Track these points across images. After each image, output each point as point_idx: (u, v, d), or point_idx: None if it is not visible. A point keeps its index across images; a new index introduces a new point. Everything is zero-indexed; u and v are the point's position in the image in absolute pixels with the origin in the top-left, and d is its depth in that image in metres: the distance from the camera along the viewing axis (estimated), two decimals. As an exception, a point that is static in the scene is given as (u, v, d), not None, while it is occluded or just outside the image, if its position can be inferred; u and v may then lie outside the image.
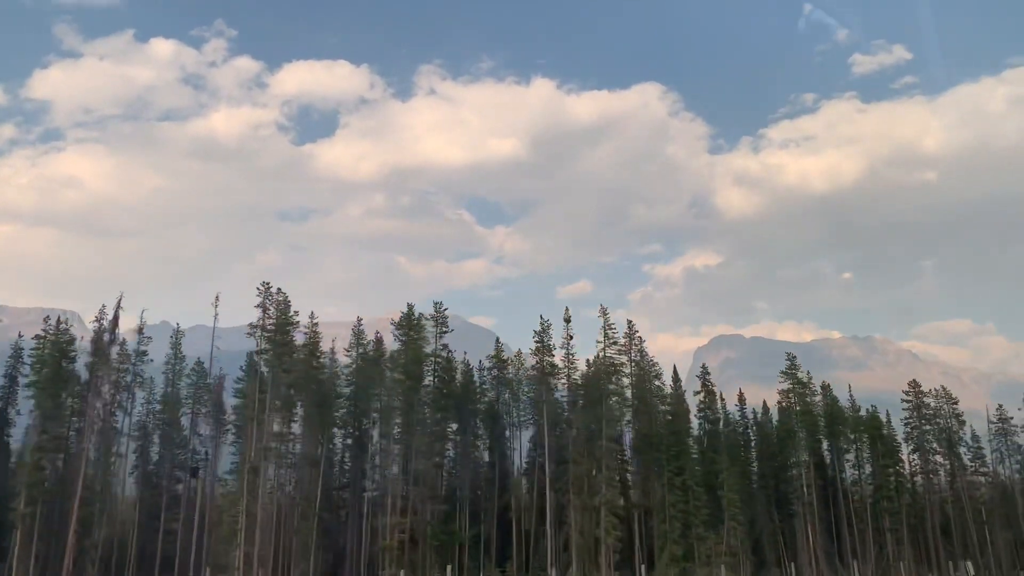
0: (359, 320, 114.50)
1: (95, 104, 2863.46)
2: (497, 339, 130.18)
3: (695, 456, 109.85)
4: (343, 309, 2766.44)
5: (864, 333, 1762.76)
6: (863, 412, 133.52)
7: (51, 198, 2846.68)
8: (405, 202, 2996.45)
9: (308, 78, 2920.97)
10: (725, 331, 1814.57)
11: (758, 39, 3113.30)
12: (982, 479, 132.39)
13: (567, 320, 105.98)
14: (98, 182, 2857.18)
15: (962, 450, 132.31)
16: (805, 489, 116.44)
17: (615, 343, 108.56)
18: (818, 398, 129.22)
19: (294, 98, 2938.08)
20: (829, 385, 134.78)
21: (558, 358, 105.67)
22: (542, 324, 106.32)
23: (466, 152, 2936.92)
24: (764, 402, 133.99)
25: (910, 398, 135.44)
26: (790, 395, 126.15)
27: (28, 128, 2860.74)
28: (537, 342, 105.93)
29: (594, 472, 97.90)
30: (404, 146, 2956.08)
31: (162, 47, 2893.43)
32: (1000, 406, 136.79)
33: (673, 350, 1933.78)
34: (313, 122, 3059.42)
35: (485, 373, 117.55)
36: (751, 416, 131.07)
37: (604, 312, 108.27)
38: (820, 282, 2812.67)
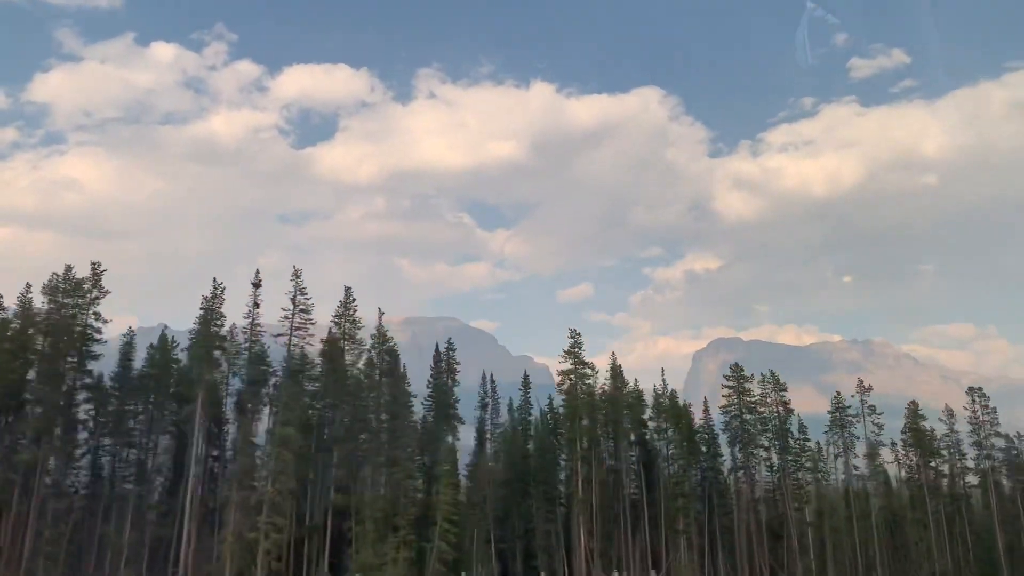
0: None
1: (95, 107, 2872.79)
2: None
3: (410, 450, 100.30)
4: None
5: (865, 337, 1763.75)
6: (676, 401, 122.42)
7: (51, 200, 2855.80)
8: (405, 205, 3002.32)
9: (308, 82, 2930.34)
10: (725, 334, 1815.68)
11: (757, 43, 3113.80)
12: (810, 479, 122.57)
13: None
14: (98, 185, 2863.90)
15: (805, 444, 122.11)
16: (579, 485, 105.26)
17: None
18: (600, 380, 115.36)
19: (294, 101, 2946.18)
20: (620, 366, 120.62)
21: None
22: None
23: (466, 155, 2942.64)
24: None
25: (731, 384, 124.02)
26: (571, 376, 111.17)
27: (30, 131, 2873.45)
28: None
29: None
30: (404, 149, 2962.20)
31: (163, 50, 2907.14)
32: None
33: (675, 353, 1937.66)
34: (313, 125, 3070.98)
35: None
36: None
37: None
38: (820, 286, 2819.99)
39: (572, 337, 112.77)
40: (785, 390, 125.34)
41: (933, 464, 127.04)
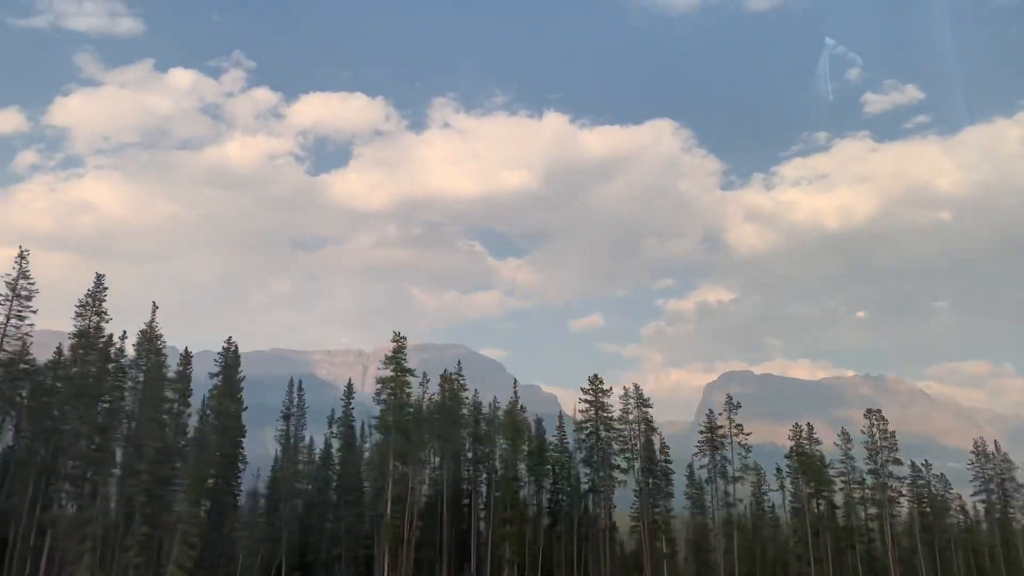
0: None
1: (114, 132, 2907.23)
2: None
3: None
4: (355, 338, 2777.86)
5: (880, 373, 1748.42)
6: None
7: (67, 223, 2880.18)
8: (417, 232, 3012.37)
9: (324, 109, 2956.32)
10: (737, 367, 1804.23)
11: (770, 77, 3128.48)
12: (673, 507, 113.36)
13: None
14: (114, 208, 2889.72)
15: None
16: (388, 509, 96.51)
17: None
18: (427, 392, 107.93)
19: (310, 129, 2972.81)
20: (458, 380, 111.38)
21: None
22: None
23: (478, 184, 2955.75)
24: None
25: (588, 396, 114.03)
26: (391, 384, 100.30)
27: (49, 154, 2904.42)
28: None
29: None
30: (417, 177, 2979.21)
31: (181, 77, 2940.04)
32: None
33: (687, 385, 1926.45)
34: (328, 153, 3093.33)
35: None
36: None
37: None
38: (834, 320, 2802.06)
39: (396, 340, 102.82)
40: (649, 406, 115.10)
41: (826, 493, 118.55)
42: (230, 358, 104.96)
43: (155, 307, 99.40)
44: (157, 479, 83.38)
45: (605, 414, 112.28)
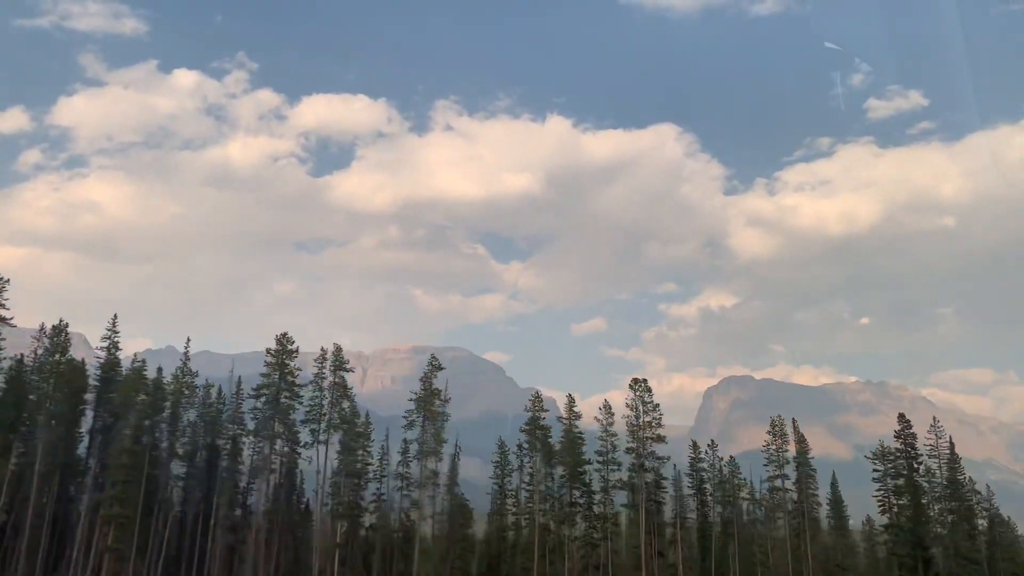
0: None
1: (117, 131, 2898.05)
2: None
3: None
4: (356, 340, 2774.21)
5: (881, 379, 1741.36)
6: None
7: (70, 222, 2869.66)
8: (420, 235, 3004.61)
9: (327, 111, 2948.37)
10: (740, 373, 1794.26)
11: (774, 83, 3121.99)
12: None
13: None
14: (117, 208, 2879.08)
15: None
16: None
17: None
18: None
19: (312, 130, 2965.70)
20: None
21: None
22: None
23: (481, 187, 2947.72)
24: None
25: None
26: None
27: (53, 154, 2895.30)
28: None
29: None
30: (419, 179, 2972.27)
31: (185, 78, 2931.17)
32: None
33: (689, 390, 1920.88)
34: (331, 154, 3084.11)
35: None
36: None
37: None
38: (837, 327, 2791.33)
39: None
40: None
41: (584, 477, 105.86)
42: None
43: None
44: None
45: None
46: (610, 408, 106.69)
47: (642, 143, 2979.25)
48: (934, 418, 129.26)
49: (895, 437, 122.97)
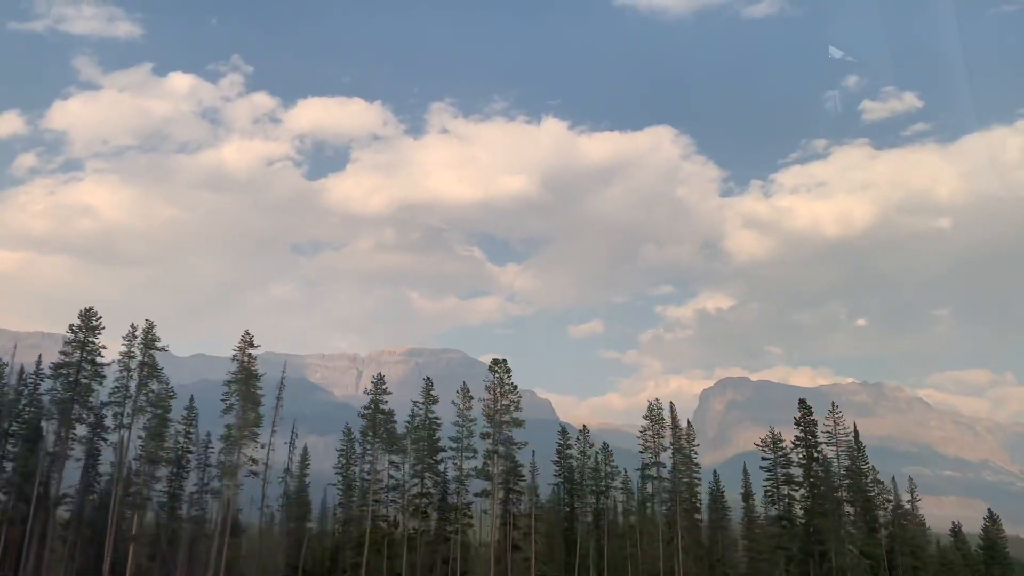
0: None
1: (112, 135, 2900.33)
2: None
3: None
4: (353, 342, 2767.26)
5: (878, 380, 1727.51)
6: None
7: (66, 226, 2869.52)
8: (415, 238, 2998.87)
9: (322, 114, 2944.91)
10: (737, 375, 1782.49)
11: (770, 85, 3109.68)
12: None
13: None
14: (113, 211, 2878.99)
15: None
16: None
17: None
18: None
19: (308, 133, 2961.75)
20: None
21: None
22: None
23: (476, 189, 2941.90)
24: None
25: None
26: None
27: (48, 158, 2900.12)
28: None
29: None
30: (415, 182, 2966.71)
31: (180, 81, 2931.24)
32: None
33: (687, 392, 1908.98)
34: (327, 157, 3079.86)
35: None
36: None
37: None
38: (834, 328, 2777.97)
39: None
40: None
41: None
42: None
43: None
44: None
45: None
46: (468, 391, 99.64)
47: (638, 145, 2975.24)
48: (832, 404, 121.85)
49: (795, 424, 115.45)
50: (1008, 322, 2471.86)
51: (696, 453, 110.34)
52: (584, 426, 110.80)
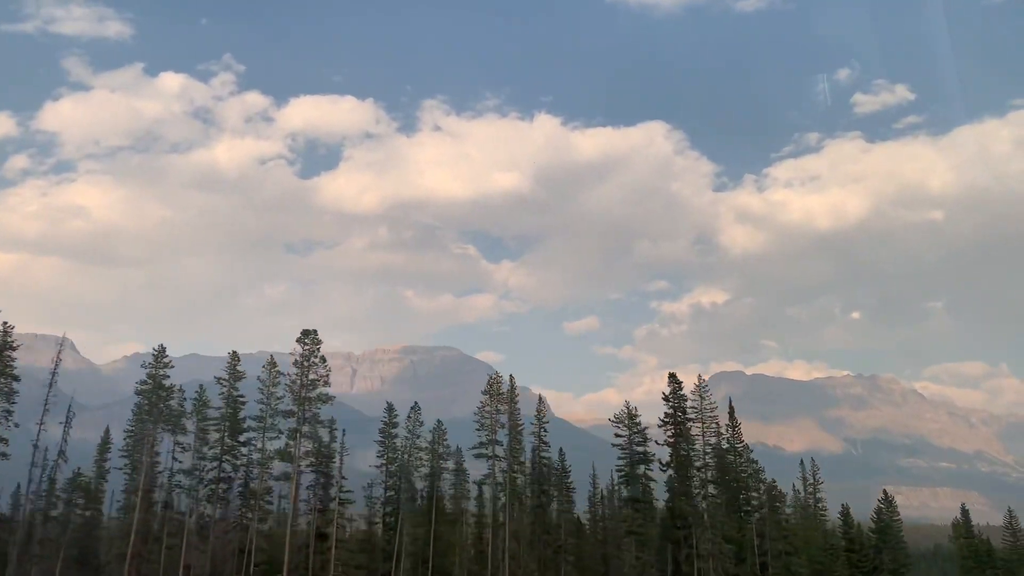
0: None
1: (104, 136, 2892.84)
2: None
3: None
4: (347, 341, 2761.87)
5: (873, 373, 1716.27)
6: None
7: (58, 227, 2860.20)
8: (409, 235, 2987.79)
9: (314, 112, 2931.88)
10: (733, 369, 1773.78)
11: (762, 79, 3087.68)
12: None
13: None
14: (105, 212, 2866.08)
15: None
16: None
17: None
18: None
19: (300, 132, 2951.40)
20: None
21: None
22: None
23: (469, 186, 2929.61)
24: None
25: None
26: None
27: (41, 159, 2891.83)
28: None
29: None
30: (408, 179, 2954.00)
31: (171, 81, 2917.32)
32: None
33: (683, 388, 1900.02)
34: (320, 156, 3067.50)
35: None
36: None
37: None
38: (829, 321, 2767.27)
39: None
40: None
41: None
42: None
43: None
44: None
45: None
46: (275, 363, 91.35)
47: (632, 141, 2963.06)
48: (699, 376, 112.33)
49: (663, 399, 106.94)
50: (1002, 314, 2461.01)
51: (546, 431, 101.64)
52: (416, 403, 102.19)
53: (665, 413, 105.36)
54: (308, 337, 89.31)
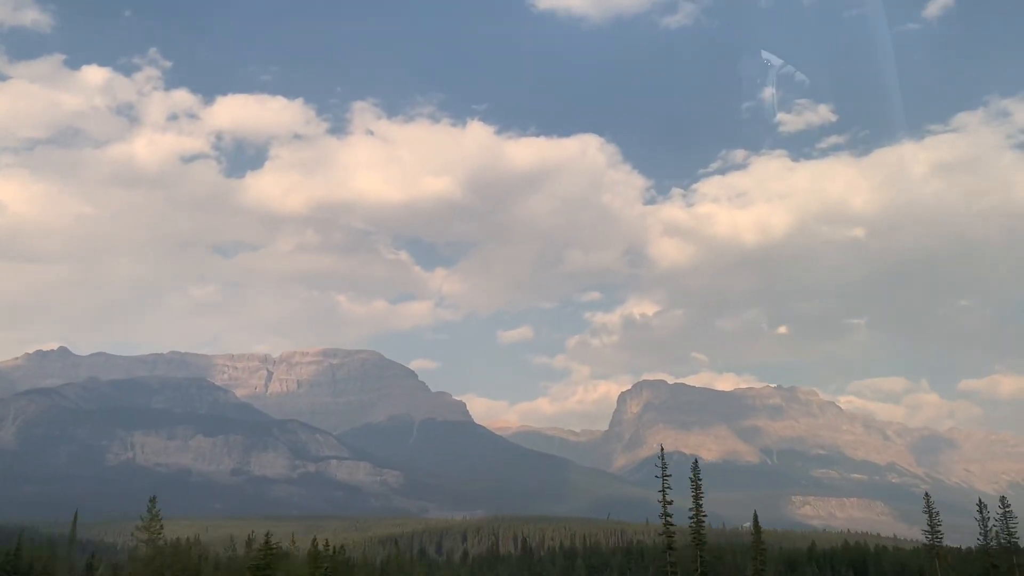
0: None
1: (21, 128, 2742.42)
2: None
3: None
4: (276, 344, 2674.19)
5: (798, 386, 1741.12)
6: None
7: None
8: (340, 239, 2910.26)
9: (242, 111, 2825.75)
10: (661, 379, 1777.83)
11: (693, 96, 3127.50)
12: None
13: None
14: (22, 207, 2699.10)
15: None
16: None
17: None
18: None
19: (227, 131, 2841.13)
20: None
21: None
22: None
23: (401, 190, 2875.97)
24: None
25: None
26: None
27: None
28: None
29: None
30: (338, 181, 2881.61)
31: (93, 74, 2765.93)
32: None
33: (613, 396, 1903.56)
34: (247, 156, 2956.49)
35: None
36: None
37: None
38: (756, 335, 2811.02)
39: None
40: None
41: None
42: None
43: None
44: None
45: None
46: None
47: (565, 152, 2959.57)
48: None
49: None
50: (922, 331, 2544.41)
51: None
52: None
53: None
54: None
